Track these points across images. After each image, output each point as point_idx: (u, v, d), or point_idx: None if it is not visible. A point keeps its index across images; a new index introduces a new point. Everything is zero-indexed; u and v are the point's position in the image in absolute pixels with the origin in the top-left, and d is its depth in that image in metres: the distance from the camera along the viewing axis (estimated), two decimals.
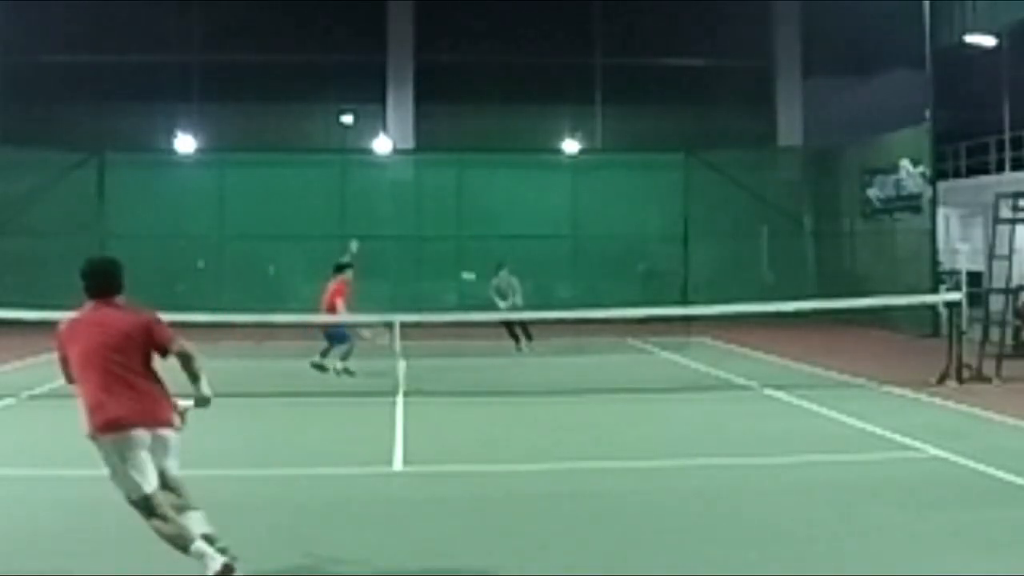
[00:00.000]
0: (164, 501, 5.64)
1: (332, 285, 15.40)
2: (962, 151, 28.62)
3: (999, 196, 15.96)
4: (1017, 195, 15.66)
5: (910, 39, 22.67)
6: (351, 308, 15.62)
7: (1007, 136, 27.07)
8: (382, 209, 26.00)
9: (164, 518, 5.60)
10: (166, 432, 5.73)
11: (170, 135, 26.86)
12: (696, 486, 8.29)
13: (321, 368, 15.20)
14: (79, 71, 27.40)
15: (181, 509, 5.71)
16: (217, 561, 5.47)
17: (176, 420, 5.82)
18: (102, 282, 5.85)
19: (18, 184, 24.26)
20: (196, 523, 5.67)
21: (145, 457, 5.61)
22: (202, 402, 6.02)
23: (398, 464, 9.16)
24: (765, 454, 9.52)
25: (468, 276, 18.55)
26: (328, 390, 13.90)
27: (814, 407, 12.13)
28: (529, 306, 18.90)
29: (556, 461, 9.33)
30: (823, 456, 9.46)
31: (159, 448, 5.69)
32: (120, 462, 5.59)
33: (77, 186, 24.80)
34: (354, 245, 16.35)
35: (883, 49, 27.35)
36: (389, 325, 15.83)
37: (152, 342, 5.76)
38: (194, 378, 5.91)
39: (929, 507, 7.50)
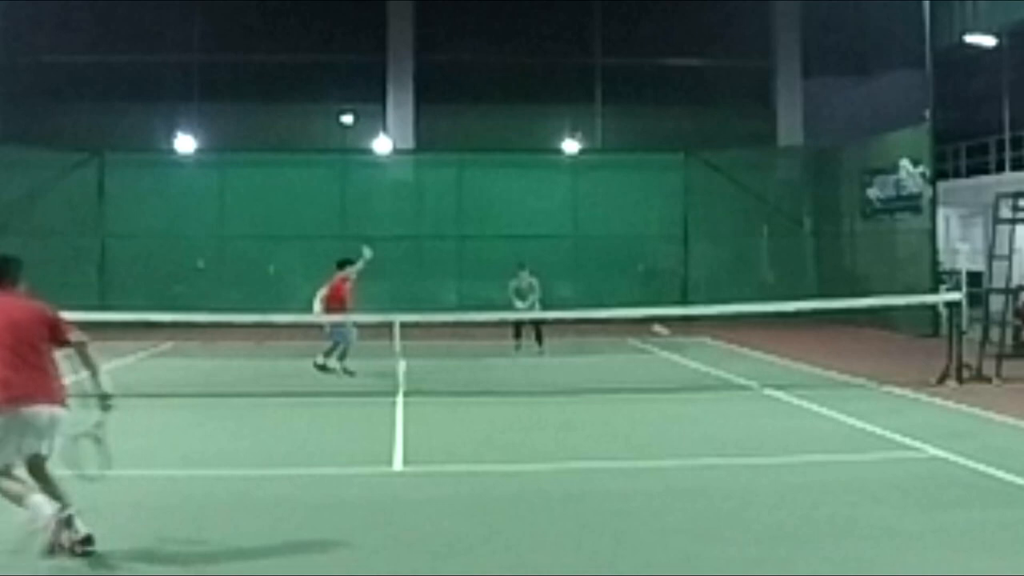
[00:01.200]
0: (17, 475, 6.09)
1: (334, 282, 15.40)
2: (962, 151, 28.62)
3: (999, 196, 15.96)
4: (1017, 195, 15.66)
5: (910, 39, 22.68)
6: (352, 306, 15.62)
7: (1007, 136, 27.07)
8: (382, 209, 26.01)
9: (13, 480, 6.04)
10: (62, 411, 6.17)
11: (170, 135, 26.85)
12: (696, 486, 8.28)
13: (324, 368, 15.21)
14: (79, 71, 27.40)
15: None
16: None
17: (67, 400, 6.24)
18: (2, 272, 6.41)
19: (18, 184, 24.27)
20: (46, 507, 5.96)
21: (25, 441, 6.02)
22: (104, 400, 6.28)
23: (398, 464, 9.16)
24: (765, 454, 9.52)
25: (661, 331, 18.09)
26: (328, 390, 13.90)
27: (814, 407, 12.13)
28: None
29: (556, 461, 9.33)
30: (823, 456, 9.46)
31: (53, 425, 6.11)
32: (6, 434, 5.98)
33: (77, 186, 24.84)
34: (367, 252, 15.99)
35: (883, 49, 27.38)
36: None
37: (55, 331, 6.25)
38: (94, 370, 6.28)
39: (929, 507, 7.50)
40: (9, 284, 6.41)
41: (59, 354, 6.32)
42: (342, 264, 15.64)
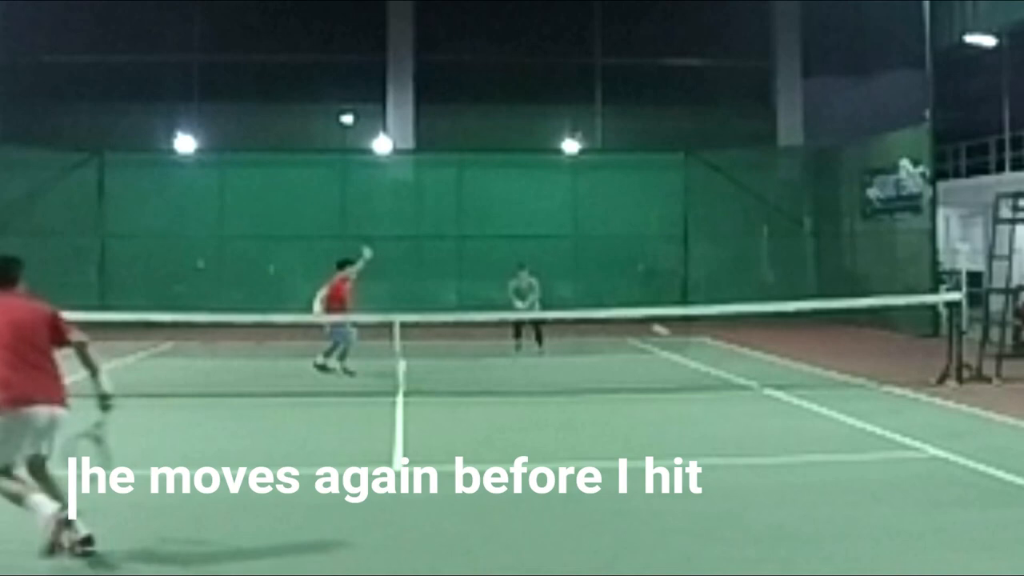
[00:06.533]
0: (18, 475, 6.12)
1: (334, 282, 15.39)
2: (962, 151, 28.62)
3: (999, 196, 15.96)
4: (1017, 195, 15.66)
5: (910, 39, 22.69)
6: (352, 307, 15.61)
7: (1007, 136, 27.07)
8: (382, 209, 26.02)
9: (13, 480, 6.08)
10: (62, 411, 6.19)
11: (170, 135, 26.86)
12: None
13: (324, 368, 15.20)
14: (79, 71, 27.41)
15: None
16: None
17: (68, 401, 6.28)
18: (4, 273, 6.50)
19: (18, 184, 24.29)
20: (46, 506, 5.97)
21: (25, 441, 6.05)
22: (105, 400, 6.26)
23: (398, 464, 9.15)
24: (765, 454, 9.53)
25: (661, 331, 17.73)
26: (328, 390, 13.91)
27: (814, 407, 12.14)
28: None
29: (556, 461, 9.31)
30: (823, 456, 9.46)
31: (53, 425, 6.14)
32: (6, 435, 6.01)
33: (77, 186, 24.85)
34: (367, 252, 15.95)
35: (883, 49, 27.37)
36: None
37: (56, 331, 6.29)
38: (94, 370, 6.27)
39: (929, 507, 7.50)
40: (10, 284, 6.48)
41: (59, 354, 6.32)
42: (342, 264, 15.65)
